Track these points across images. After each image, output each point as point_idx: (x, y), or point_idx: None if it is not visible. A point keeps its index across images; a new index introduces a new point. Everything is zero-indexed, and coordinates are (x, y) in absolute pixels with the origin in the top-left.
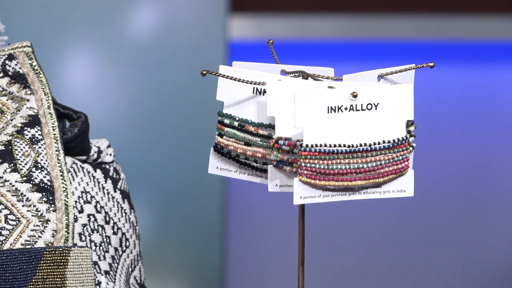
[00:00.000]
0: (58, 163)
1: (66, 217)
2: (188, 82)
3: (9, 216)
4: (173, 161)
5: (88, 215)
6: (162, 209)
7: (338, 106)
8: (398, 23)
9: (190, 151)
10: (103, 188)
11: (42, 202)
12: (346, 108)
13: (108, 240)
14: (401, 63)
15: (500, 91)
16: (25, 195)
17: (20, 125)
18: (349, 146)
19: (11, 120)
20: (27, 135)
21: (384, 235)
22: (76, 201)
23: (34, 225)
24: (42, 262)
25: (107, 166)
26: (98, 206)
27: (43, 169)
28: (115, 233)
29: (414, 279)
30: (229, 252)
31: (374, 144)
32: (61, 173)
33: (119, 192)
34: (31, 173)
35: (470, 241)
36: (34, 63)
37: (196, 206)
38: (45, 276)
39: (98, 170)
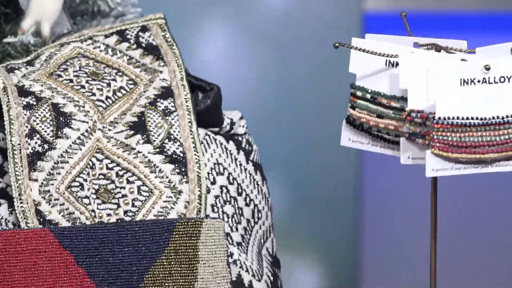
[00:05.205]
0: (191, 134)
1: (199, 189)
2: (322, 54)
3: (142, 187)
4: (305, 133)
5: (221, 187)
6: (294, 181)
7: (470, 79)
8: None
9: (322, 123)
10: (236, 159)
11: (174, 174)
12: (479, 81)
13: (240, 211)
14: None
15: None
16: (157, 167)
17: (153, 96)
18: (481, 119)
19: (144, 91)
20: (160, 106)
21: None
22: (208, 173)
23: (166, 196)
24: (174, 233)
25: (240, 138)
26: (231, 177)
27: (175, 140)
28: (247, 205)
29: None
30: (362, 224)
31: (507, 116)
32: (194, 145)
33: (252, 163)
34: (163, 144)
35: None
36: (167, 35)
37: (329, 178)
38: (177, 247)
39: (231, 142)
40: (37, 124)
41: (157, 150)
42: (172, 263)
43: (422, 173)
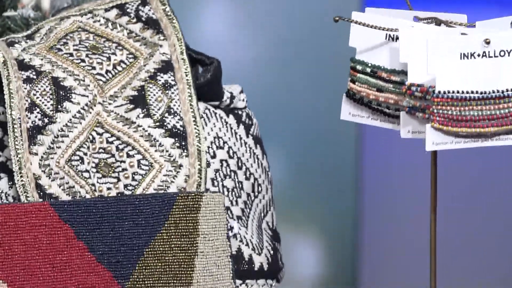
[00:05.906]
0: (191, 108)
1: (199, 162)
2: (321, 28)
3: (142, 161)
4: (305, 107)
5: (221, 161)
6: (295, 155)
7: (471, 53)
8: None
9: (322, 97)
10: (236, 133)
11: (174, 148)
12: (479, 55)
13: (240, 185)
14: None
15: None
16: (157, 140)
17: (153, 70)
18: (481, 93)
19: (144, 65)
20: (160, 80)
21: None
22: (208, 147)
23: (166, 170)
24: (174, 207)
25: (240, 112)
26: (231, 151)
27: (175, 114)
28: (247, 179)
29: None
30: (363, 197)
31: (507, 90)
32: (194, 119)
33: (252, 137)
34: (164, 118)
35: None
36: (167, 9)
37: (329, 152)
38: (177, 221)
39: (231, 116)
40: (37, 98)
41: (157, 124)
42: (172, 237)
43: (422, 147)
